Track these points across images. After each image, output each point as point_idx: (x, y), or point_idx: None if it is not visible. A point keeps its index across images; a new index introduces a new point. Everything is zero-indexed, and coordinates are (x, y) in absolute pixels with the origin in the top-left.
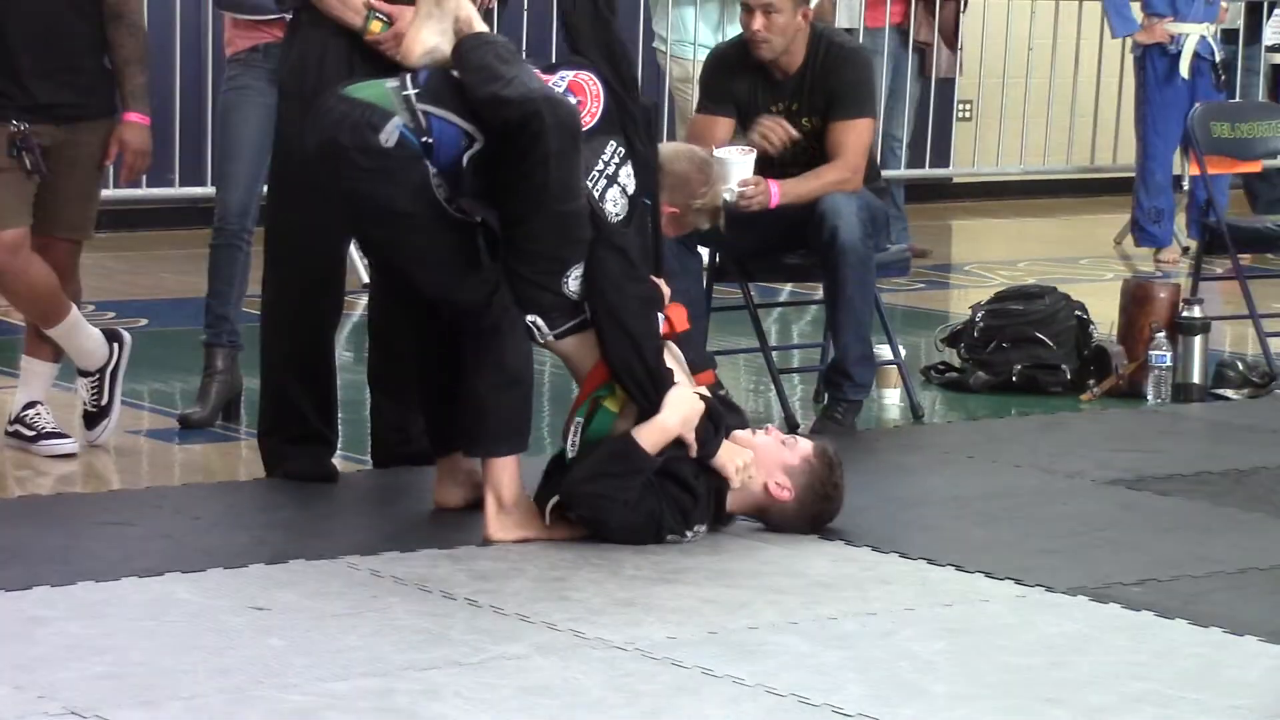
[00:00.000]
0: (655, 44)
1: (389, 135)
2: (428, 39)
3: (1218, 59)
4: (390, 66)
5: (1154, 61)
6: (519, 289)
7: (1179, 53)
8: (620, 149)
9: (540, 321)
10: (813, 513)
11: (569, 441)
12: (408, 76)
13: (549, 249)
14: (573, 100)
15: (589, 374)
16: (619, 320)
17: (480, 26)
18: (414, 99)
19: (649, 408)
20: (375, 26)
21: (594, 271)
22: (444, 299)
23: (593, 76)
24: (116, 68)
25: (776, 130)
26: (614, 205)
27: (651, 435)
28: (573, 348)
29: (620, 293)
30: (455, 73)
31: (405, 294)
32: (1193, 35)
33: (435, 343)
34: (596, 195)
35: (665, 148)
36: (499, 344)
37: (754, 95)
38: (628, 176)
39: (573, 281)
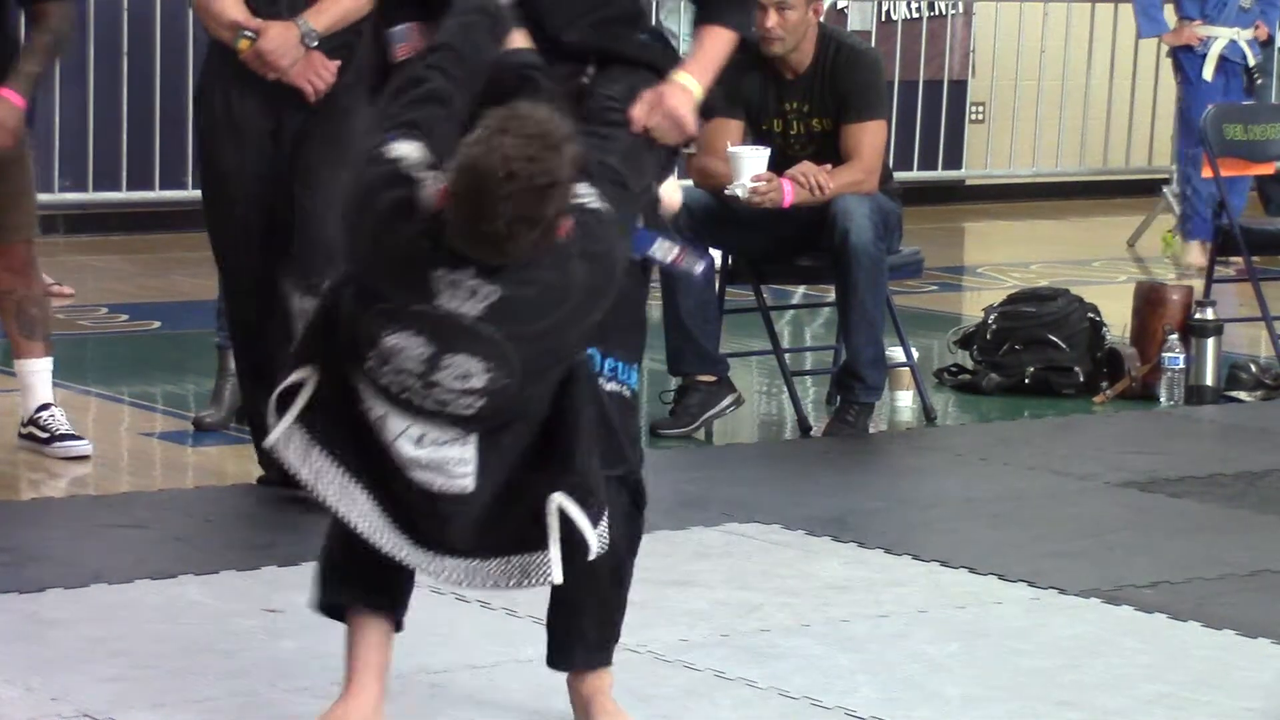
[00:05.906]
0: None
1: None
2: None
3: (1251, 64)
4: (267, 84)
5: (1185, 63)
6: None
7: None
8: None
9: None
10: None
11: None
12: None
13: None
14: None
15: None
16: None
17: None
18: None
19: None
20: (243, 44)
21: None
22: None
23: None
24: (21, 49)
25: (811, 177)
26: None
27: None
28: None
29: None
30: None
31: None
32: (1220, 39)
33: None
34: None
35: None
36: None
37: (764, 95)
38: None
39: None
